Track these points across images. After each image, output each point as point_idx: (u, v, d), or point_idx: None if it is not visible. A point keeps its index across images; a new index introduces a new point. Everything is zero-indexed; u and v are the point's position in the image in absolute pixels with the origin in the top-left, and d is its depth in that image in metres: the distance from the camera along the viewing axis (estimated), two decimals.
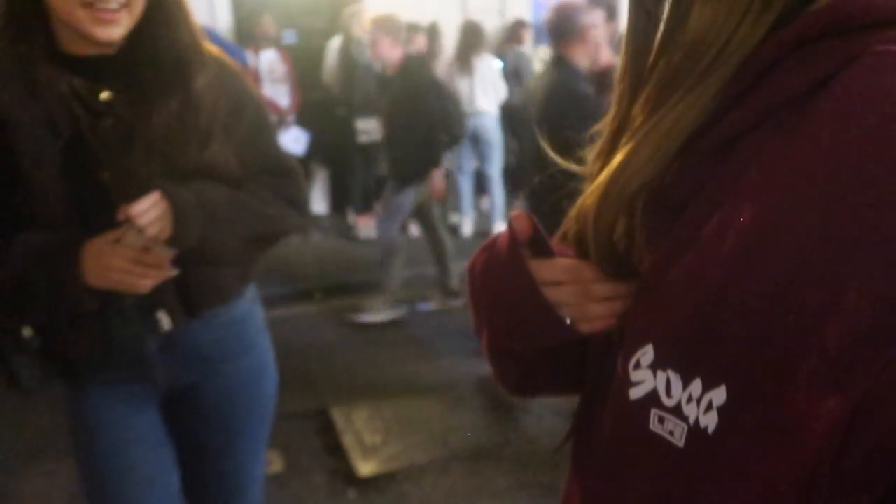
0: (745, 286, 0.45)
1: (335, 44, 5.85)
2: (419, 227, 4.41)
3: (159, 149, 1.22)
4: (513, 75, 6.00)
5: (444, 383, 3.41)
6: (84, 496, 1.43)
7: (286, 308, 4.16)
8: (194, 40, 1.26)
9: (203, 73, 1.26)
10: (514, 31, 6.46)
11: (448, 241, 4.30)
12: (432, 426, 3.04)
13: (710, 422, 0.47)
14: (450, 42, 5.93)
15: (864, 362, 0.41)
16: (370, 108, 5.30)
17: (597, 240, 0.58)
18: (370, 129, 5.40)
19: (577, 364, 0.72)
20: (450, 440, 2.93)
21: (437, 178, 4.02)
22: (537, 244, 0.64)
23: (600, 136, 0.65)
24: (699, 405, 0.48)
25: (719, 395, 0.46)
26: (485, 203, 6.20)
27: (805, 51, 0.47)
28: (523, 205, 3.75)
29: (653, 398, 0.51)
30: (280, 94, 5.77)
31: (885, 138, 0.41)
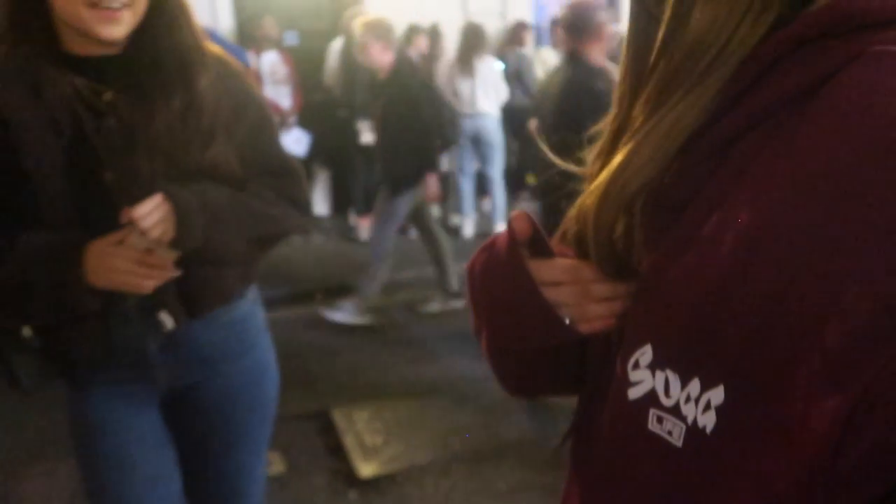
0: (744, 286, 0.45)
1: (337, 45, 5.85)
2: (416, 229, 4.40)
3: (162, 149, 1.22)
4: (514, 77, 6.01)
5: (445, 384, 3.41)
6: (85, 496, 1.43)
7: (288, 309, 4.16)
8: (196, 41, 1.27)
9: (205, 74, 1.26)
10: (515, 33, 6.47)
11: (445, 241, 4.30)
12: (433, 427, 3.04)
13: (709, 422, 0.47)
14: (451, 44, 5.93)
15: (864, 362, 0.41)
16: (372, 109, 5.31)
17: (596, 240, 0.58)
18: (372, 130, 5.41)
19: (577, 364, 0.72)
20: (451, 441, 2.93)
21: (432, 182, 4.01)
22: (537, 244, 0.64)
23: (600, 137, 0.65)
24: (697, 405, 0.48)
25: (717, 394, 0.46)
26: (486, 204, 6.21)
27: (804, 51, 0.47)
28: (534, 203, 3.75)
29: (651, 398, 0.51)
30: (281, 95, 5.78)
31: (884, 138, 0.41)
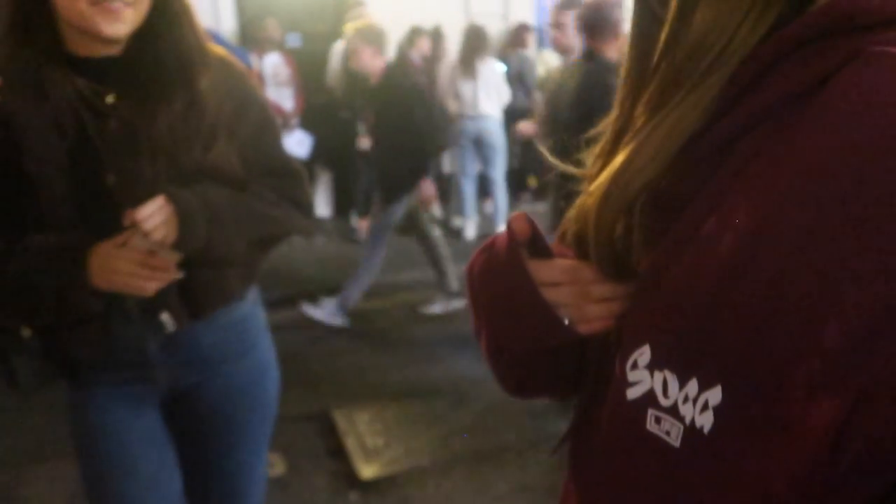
0: (742, 286, 0.45)
1: (339, 47, 5.86)
2: (405, 233, 4.38)
3: (164, 150, 1.22)
4: (516, 79, 6.02)
5: (447, 386, 3.41)
6: (85, 497, 1.43)
7: (289, 310, 4.17)
8: (198, 42, 1.27)
9: (206, 75, 1.26)
10: (517, 35, 6.48)
11: (441, 243, 4.29)
12: (434, 429, 3.04)
13: (706, 422, 0.47)
14: (453, 45, 5.94)
15: (862, 362, 0.41)
16: None
17: (597, 240, 0.58)
18: None
19: (576, 365, 0.72)
20: (452, 443, 2.93)
21: (426, 187, 4.00)
22: (536, 245, 0.64)
23: (600, 139, 0.65)
24: (695, 405, 0.48)
25: (715, 395, 0.46)
26: (488, 206, 6.21)
27: (804, 51, 0.47)
28: (535, 204, 3.74)
29: (650, 398, 0.51)
30: (284, 97, 5.79)
31: (883, 139, 0.41)
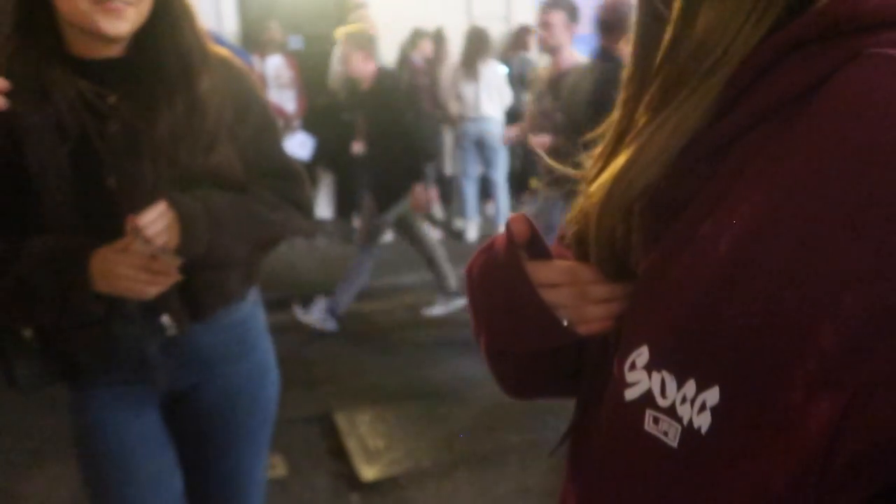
0: (740, 287, 0.45)
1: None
2: (400, 236, 4.34)
3: (165, 153, 1.22)
4: (518, 81, 6.02)
5: (448, 387, 3.41)
6: (87, 498, 1.43)
7: (290, 312, 4.17)
8: (199, 43, 1.26)
9: (207, 76, 1.26)
10: (519, 38, 6.48)
11: (435, 244, 4.28)
12: (436, 430, 3.04)
13: (704, 422, 0.47)
14: (455, 48, 5.94)
15: (858, 363, 0.41)
16: None
17: (598, 240, 0.58)
18: None
19: (576, 366, 0.72)
20: (453, 444, 2.93)
21: (419, 193, 3.99)
22: (535, 246, 0.65)
23: (599, 141, 0.65)
24: (693, 406, 0.48)
25: (713, 395, 0.47)
26: (490, 208, 6.21)
27: (801, 53, 0.47)
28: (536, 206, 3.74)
29: (648, 399, 0.51)
30: (286, 99, 5.80)
31: (879, 140, 0.41)
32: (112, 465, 1.38)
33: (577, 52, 3.51)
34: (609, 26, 2.97)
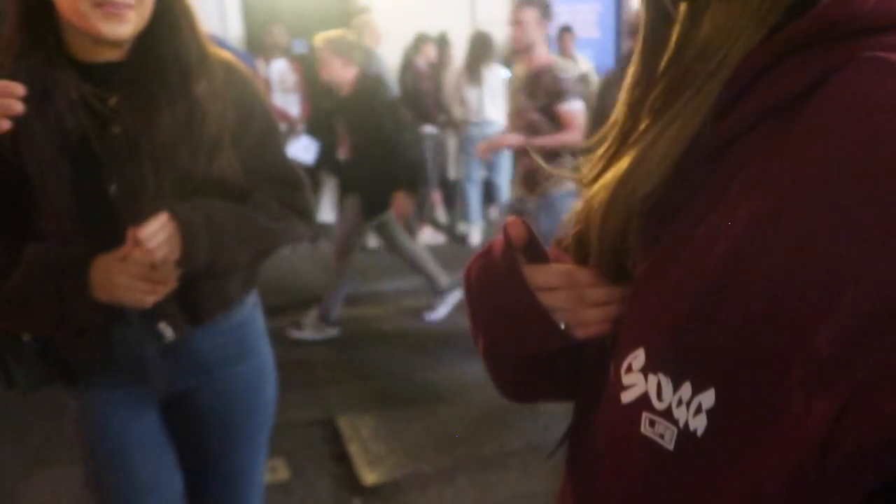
0: (737, 289, 0.45)
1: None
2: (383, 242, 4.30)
3: (167, 158, 1.22)
4: None
5: (450, 392, 3.40)
6: (89, 500, 1.44)
7: (293, 316, 4.17)
8: (199, 46, 1.26)
9: (207, 80, 1.25)
10: None
11: (416, 248, 4.25)
12: (438, 435, 3.04)
13: (700, 425, 0.47)
14: (459, 52, 5.95)
15: (855, 363, 0.41)
16: None
17: (600, 243, 0.58)
18: None
19: (574, 369, 0.72)
20: (455, 448, 2.92)
21: (400, 201, 3.97)
22: (532, 250, 0.65)
23: (599, 144, 0.65)
24: (689, 408, 0.48)
25: (708, 398, 0.47)
26: (493, 212, 6.21)
27: (797, 56, 0.48)
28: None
29: (644, 401, 0.52)
30: (290, 103, 5.81)
31: (874, 143, 0.42)
32: (112, 467, 1.38)
33: (549, 49, 3.46)
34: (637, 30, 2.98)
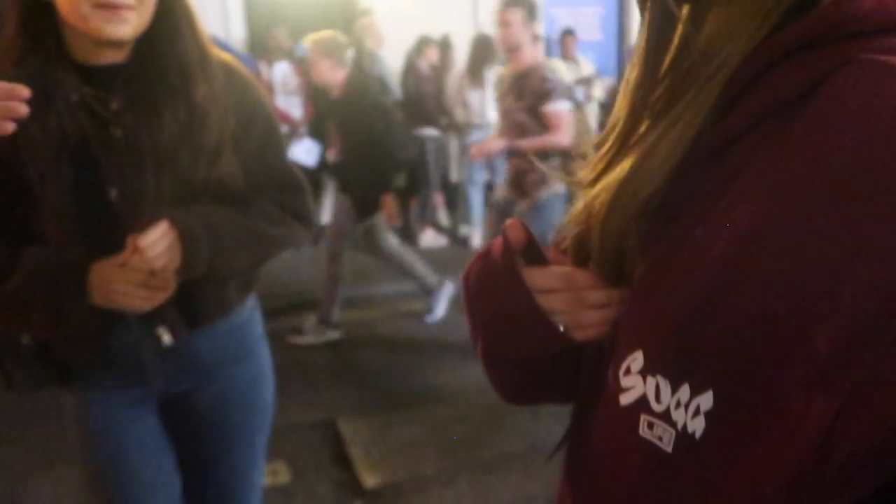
0: (735, 290, 0.45)
1: (347, 56, 5.88)
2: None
3: (168, 163, 1.21)
4: None
5: (452, 394, 3.40)
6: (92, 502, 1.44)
7: (294, 318, 4.17)
8: (199, 49, 1.25)
9: (208, 83, 1.25)
10: None
11: (401, 251, 4.24)
12: (439, 438, 3.04)
13: (698, 427, 0.47)
14: (461, 55, 5.96)
15: (853, 364, 0.41)
16: None
17: (602, 245, 0.58)
18: None
19: (573, 372, 0.72)
20: (456, 451, 2.92)
21: (388, 204, 3.96)
22: (531, 252, 0.65)
23: (600, 146, 0.64)
24: (687, 410, 0.48)
25: (706, 400, 0.47)
26: None
27: (795, 58, 0.48)
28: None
29: (642, 404, 0.51)
30: (293, 105, 5.82)
31: (870, 144, 0.42)
32: (110, 468, 1.38)
33: (538, 51, 3.46)
34: None
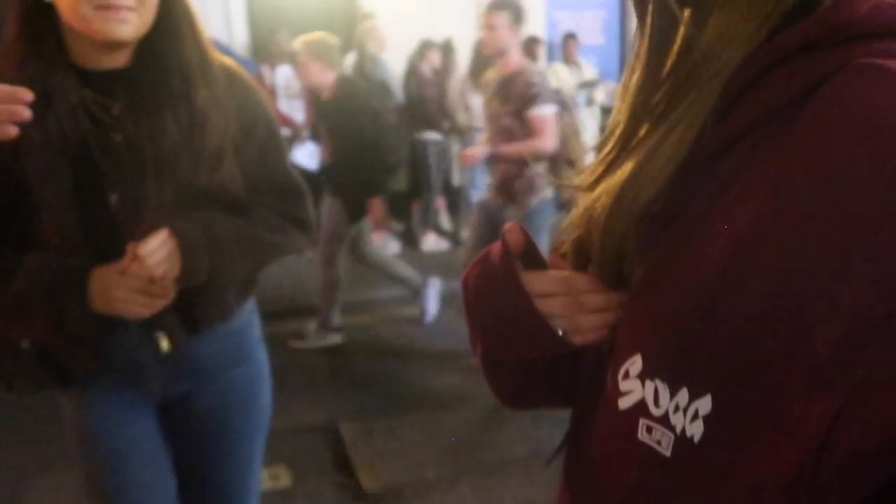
0: (734, 292, 0.45)
1: (350, 60, 5.90)
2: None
3: (169, 168, 1.21)
4: None
5: (452, 397, 3.40)
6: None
7: (296, 321, 4.17)
8: (200, 52, 1.25)
9: (209, 88, 1.25)
10: (527, 48, 6.46)
11: (382, 254, 4.23)
12: (441, 441, 3.03)
13: (696, 431, 0.47)
14: (464, 59, 5.96)
15: (853, 365, 0.41)
16: None
17: (602, 249, 0.58)
18: None
19: (571, 376, 0.72)
20: (457, 455, 2.92)
21: (376, 207, 3.95)
22: (530, 256, 0.65)
23: (600, 149, 0.64)
24: (686, 414, 0.48)
25: (705, 404, 0.46)
26: None
27: (793, 62, 0.48)
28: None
29: (641, 408, 0.51)
30: (295, 109, 5.82)
31: (868, 146, 0.42)
32: (108, 471, 1.38)
33: (522, 54, 3.44)
34: None
